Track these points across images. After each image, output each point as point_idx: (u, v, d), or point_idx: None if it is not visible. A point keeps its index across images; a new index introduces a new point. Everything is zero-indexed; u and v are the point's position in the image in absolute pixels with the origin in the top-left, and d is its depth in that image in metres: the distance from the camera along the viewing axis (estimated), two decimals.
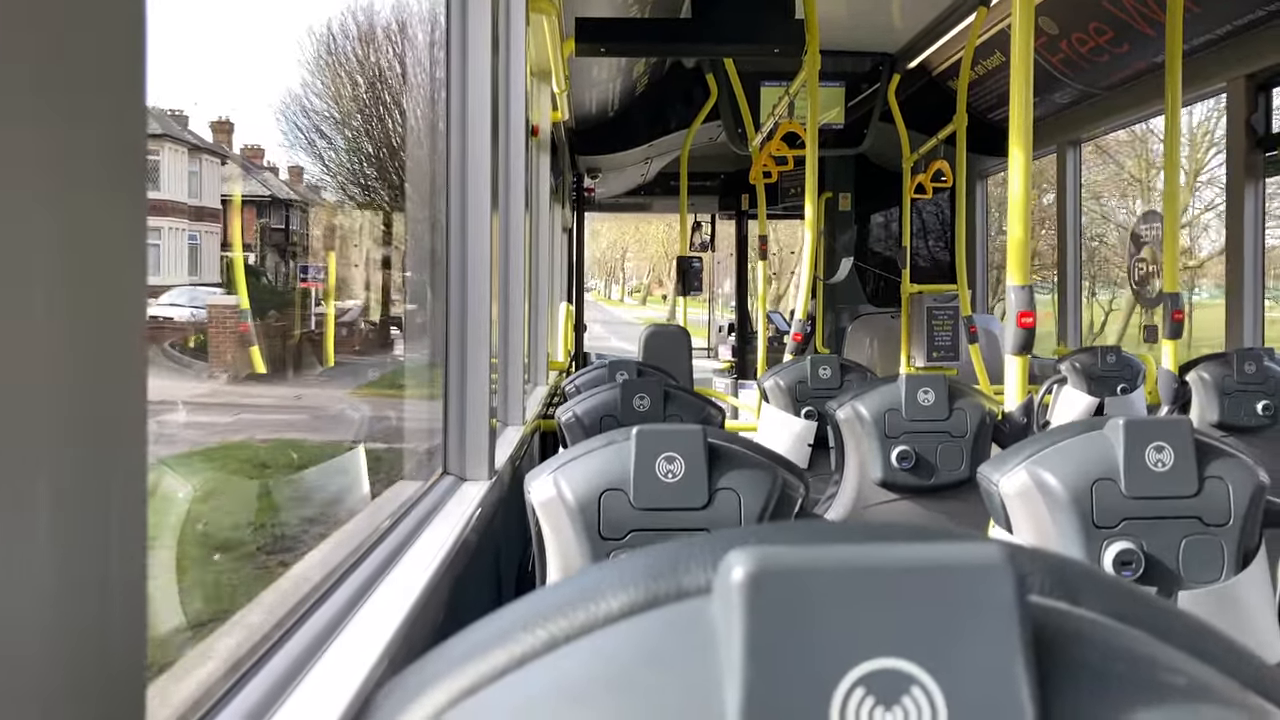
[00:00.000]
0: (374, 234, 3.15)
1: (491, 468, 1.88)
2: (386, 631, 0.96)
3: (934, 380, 2.43)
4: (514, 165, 2.84)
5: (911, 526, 0.40)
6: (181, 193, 4.26)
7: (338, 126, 2.45)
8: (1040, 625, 0.34)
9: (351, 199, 2.67)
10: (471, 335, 1.87)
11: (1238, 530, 1.38)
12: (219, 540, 1.93)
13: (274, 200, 4.99)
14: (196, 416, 2.28)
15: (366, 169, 2.65)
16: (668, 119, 7.02)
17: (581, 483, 1.32)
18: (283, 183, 5.06)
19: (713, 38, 4.45)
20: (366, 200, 2.75)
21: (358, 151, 2.54)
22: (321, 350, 3.16)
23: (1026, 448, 1.45)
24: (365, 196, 2.75)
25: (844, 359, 3.24)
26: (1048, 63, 5.47)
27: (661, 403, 2.47)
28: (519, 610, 0.39)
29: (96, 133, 0.45)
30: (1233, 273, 4.45)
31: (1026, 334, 2.77)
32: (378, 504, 1.69)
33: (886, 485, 2.44)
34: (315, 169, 2.69)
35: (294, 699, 0.79)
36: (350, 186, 2.64)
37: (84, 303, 0.44)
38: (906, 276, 6.31)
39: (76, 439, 0.44)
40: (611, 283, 52.25)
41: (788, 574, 0.32)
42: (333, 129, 2.47)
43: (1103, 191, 15.79)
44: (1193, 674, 0.35)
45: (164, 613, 1.46)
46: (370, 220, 2.98)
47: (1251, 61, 4.29)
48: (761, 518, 1.29)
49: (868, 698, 0.31)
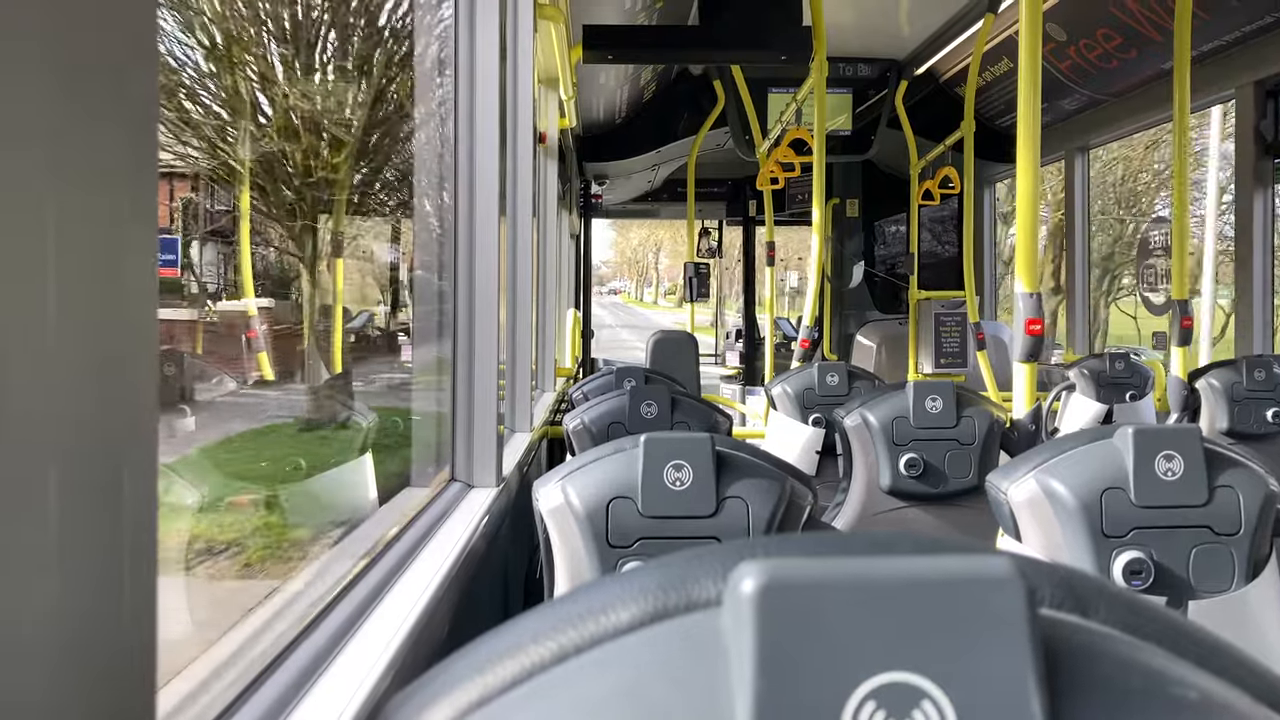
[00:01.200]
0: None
1: (499, 474, 1.88)
2: (395, 640, 0.96)
3: (942, 387, 2.43)
4: (521, 172, 2.85)
5: (922, 538, 0.40)
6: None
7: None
8: (1051, 638, 0.34)
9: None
10: (479, 341, 1.87)
11: (1248, 539, 1.37)
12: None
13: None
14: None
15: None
16: (675, 126, 7.02)
17: (589, 490, 1.32)
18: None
19: (720, 45, 4.45)
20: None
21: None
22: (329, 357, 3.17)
23: (1035, 456, 1.44)
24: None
25: (851, 366, 3.24)
26: (1056, 69, 5.46)
27: (669, 410, 2.47)
28: (528, 622, 0.39)
29: (107, 129, 0.45)
30: (1242, 279, 4.44)
31: (1035, 341, 2.76)
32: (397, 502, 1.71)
33: (894, 493, 2.43)
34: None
35: (303, 707, 0.79)
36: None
37: (95, 301, 0.44)
38: (914, 283, 6.30)
39: (87, 439, 0.44)
40: (643, 284, 50.41)
41: (798, 587, 0.32)
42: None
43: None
44: (1204, 687, 0.35)
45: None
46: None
47: (1260, 68, 4.28)
48: (770, 526, 1.29)
49: (879, 711, 0.31)
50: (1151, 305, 5.52)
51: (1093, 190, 6.33)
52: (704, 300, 8.15)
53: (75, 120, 0.43)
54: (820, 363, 3.25)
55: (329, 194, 2.49)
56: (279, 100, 2.35)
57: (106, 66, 0.46)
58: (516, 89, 2.73)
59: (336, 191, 2.53)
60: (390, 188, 2.70)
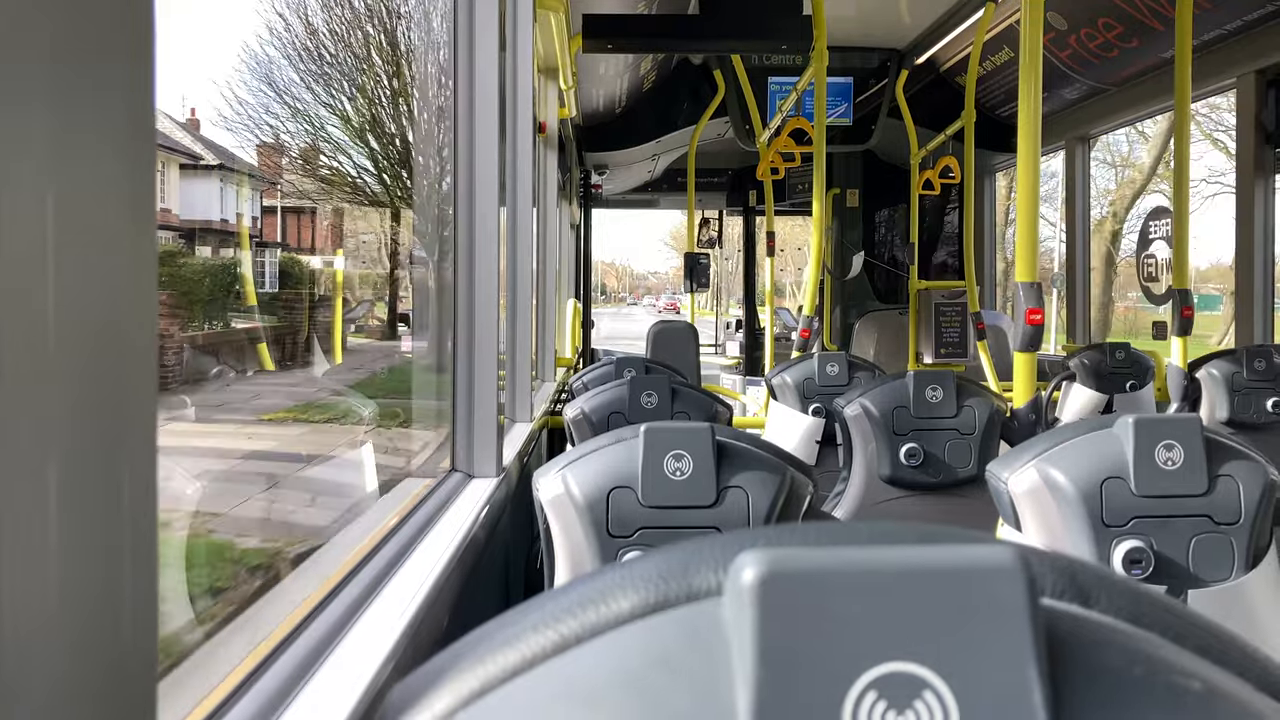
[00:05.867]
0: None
1: (500, 464, 1.88)
2: (396, 629, 0.96)
3: (942, 377, 2.43)
4: (521, 162, 2.84)
5: (923, 527, 0.40)
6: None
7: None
8: (1053, 628, 0.34)
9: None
10: (480, 332, 1.87)
11: (1248, 528, 1.37)
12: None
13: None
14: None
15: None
16: (675, 115, 7.01)
17: (590, 480, 1.32)
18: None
19: (720, 34, 4.44)
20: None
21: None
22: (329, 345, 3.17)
23: (1035, 446, 1.44)
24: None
25: (852, 355, 3.24)
26: (1057, 58, 5.45)
27: (669, 400, 2.47)
28: (529, 611, 0.39)
29: (105, 126, 0.45)
30: (1242, 269, 4.44)
31: (1035, 331, 2.76)
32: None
33: (894, 482, 2.44)
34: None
35: (303, 697, 0.79)
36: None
37: (94, 300, 0.44)
38: (914, 273, 6.29)
39: (86, 438, 0.44)
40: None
41: (799, 576, 0.32)
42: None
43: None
44: (1206, 676, 0.35)
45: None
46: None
47: (1261, 57, 4.27)
48: (770, 516, 1.29)
49: (879, 701, 0.31)
50: (1151, 295, 5.51)
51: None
52: (704, 290, 8.16)
53: (72, 116, 0.43)
54: (820, 353, 3.25)
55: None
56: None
57: (105, 62, 0.45)
58: (516, 79, 2.72)
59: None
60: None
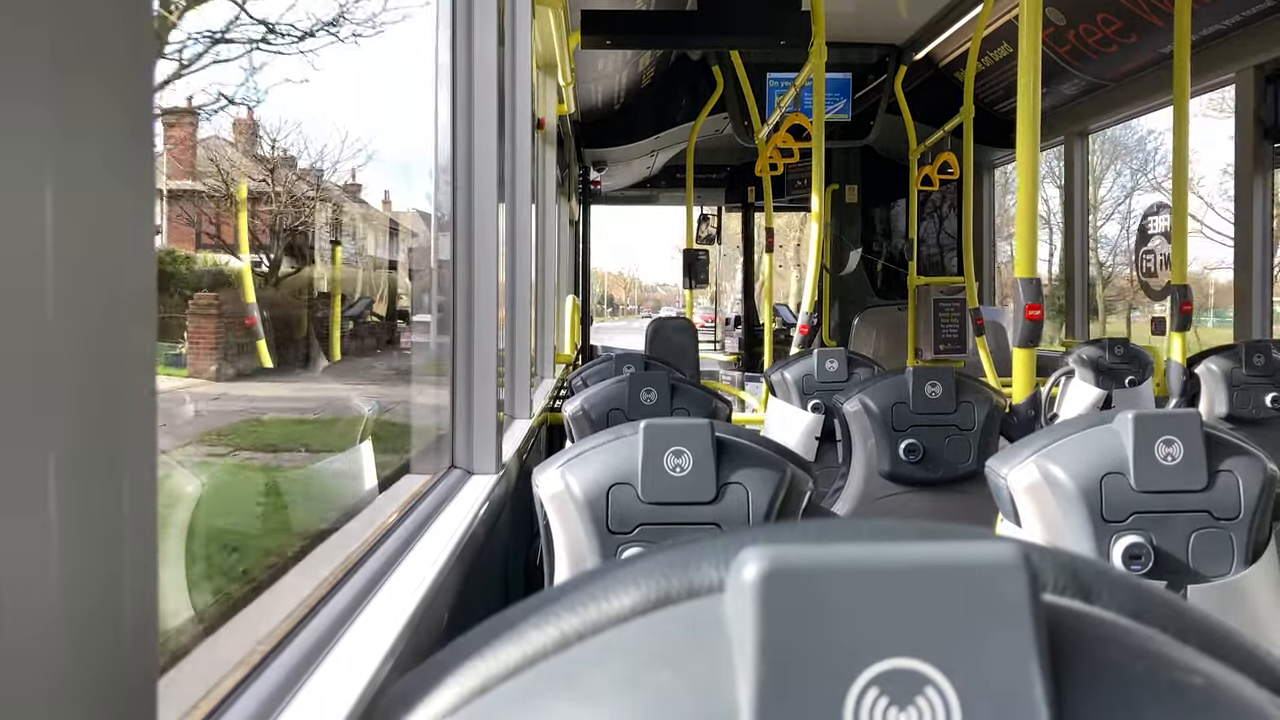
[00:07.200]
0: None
1: (499, 461, 1.88)
2: (395, 626, 0.96)
3: (941, 373, 2.43)
4: (520, 158, 2.84)
5: (924, 524, 0.39)
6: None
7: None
8: (1054, 624, 0.34)
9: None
10: (479, 328, 1.87)
11: (1248, 524, 1.37)
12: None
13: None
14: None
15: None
16: (674, 112, 7.01)
17: (589, 477, 1.31)
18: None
19: (719, 30, 4.44)
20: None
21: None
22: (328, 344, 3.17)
23: (1035, 441, 1.44)
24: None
25: (851, 352, 3.24)
26: (1055, 54, 5.45)
27: (668, 396, 2.46)
28: (529, 608, 0.39)
29: (105, 125, 0.45)
30: (1241, 264, 4.44)
31: (1034, 326, 2.76)
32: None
33: (894, 478, 2.44)
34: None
35: (302, 695, 0.79)
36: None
37: (93, 297, 0.44)
38: (913, 269, 6.29)
39: (86, 434, 0.44)
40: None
41: (801, 573, 0.32)
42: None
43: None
44: (1207, 672, 0.35)
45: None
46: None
47: (1260, 52, 4.27)
48: (770, 512, 1.29)
49: (881, 698, 0.31)
50: (1150, 290, 5.52)
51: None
52: (702, 287, 8.16)
53: (72, 114, 0.43)
54: (819, 349, 3.25)
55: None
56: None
57: (104, 60, 0.45)
58: (515, 74, 2.71)
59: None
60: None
